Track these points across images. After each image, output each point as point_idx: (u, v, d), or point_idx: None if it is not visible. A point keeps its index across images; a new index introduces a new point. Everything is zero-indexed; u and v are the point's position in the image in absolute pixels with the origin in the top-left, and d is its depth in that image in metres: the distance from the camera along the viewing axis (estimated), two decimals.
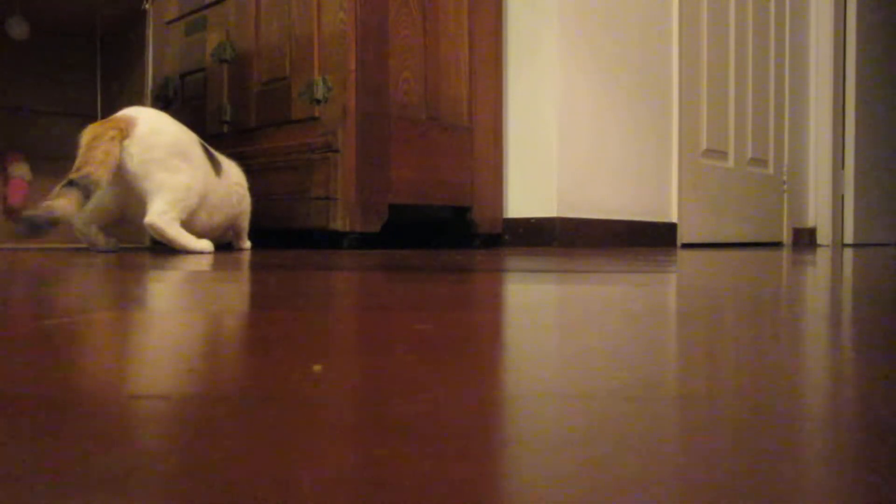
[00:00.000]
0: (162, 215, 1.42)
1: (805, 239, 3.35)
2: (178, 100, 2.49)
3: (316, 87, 1.94)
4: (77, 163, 1.37)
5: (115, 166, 1.39)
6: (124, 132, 1.41)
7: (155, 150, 1.43)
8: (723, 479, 0.16)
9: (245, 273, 0.89)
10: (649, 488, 0.16)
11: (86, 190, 1.34)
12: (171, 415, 0.22)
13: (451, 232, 2.26)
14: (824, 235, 3.37)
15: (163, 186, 1.43)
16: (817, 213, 3.39)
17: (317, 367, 0.29)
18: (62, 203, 1.30)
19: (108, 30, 2.10)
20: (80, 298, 0.58)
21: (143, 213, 1.44)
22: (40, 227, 1.28)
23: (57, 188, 1.33)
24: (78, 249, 1.68)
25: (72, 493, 0.15)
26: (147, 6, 1.88)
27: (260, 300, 0.57)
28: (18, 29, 1.89)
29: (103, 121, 1.46)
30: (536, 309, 0.50)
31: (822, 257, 1.66)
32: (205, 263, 1.11)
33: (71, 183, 1.33)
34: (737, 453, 0.18)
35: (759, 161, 3.07)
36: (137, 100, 1.93)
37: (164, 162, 1.44)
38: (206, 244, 1.51)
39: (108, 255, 1.39)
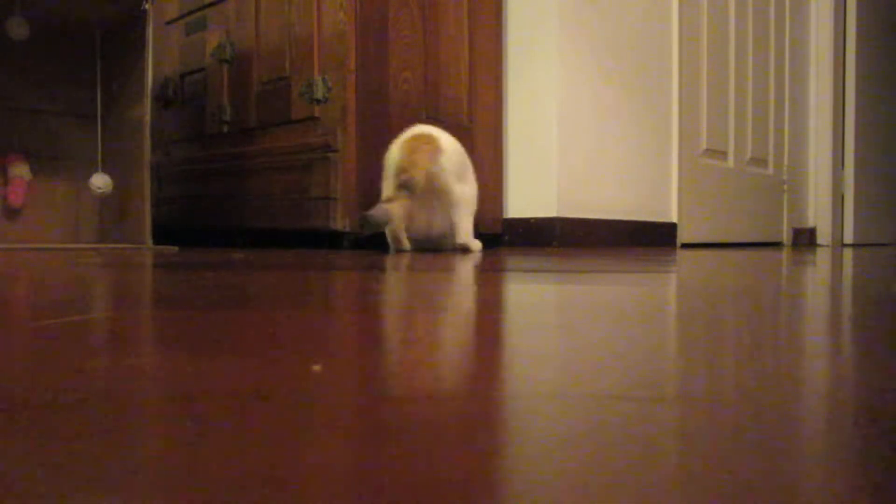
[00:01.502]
0: (470, 234, 1.65)
1: (805, 239, 3.35)
2: (178, 100, 2.49)
3: (316, 86, 1.94)
4: (401, 167, 1.54)
5: (429, 174, 1.56)
6: (436, 147, 1.58)
7: (455, 163, 1.62)
8: (723, 480, 0.16)
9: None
10: (649, 489, 0.16)
11: (409, 190, 1.53)
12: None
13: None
14: (824, 235, 3.37)
15: (461, 199, 1.63)
16: (817, 213, 3.39)
17: (316, 367, 0.29)
18: (395, 206, 1.51)
19: (108, 30, 2.10)
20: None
21: (440, 217, 1.64)
22: (380, 224, 1.51)
23: (391, 190, 1.53)
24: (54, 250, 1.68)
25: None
26: (147, 6, 1.88)
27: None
28: (18, 29, 1.89)
29: (411, 137, 1.61)
30: (536, 309, 0.50)
31: (822, 257, 1.66)
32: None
33: (400, 186, 1.53)
34: (737, 453, 0.18)
35: (759, 161, 3.07)
36: (137, 100, 1.92)
37: (459, 175, 1.63)
38: (478, 244, 1.70)
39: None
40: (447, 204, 1.62)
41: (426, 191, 1.56)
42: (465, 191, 1.65)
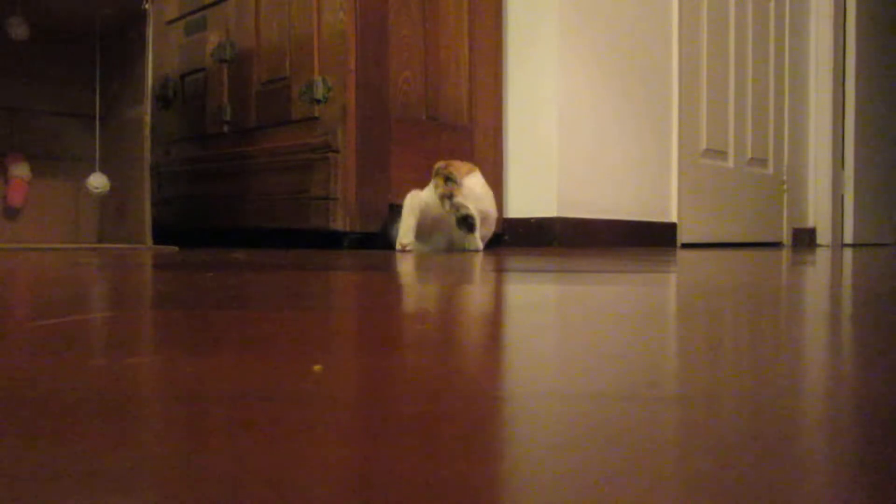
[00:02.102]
0: (479, 240, 1.72)
1: (805, 239, 3.35)
2: (178, 100, 2.49)
3: (316, 87, 1.94)
4: (440, 164, 1.66)
5: (462, 181, 1.68)
6: (471, 165, 1.76)
7: (482, 184, 1.75)
8: (722, 480, 0.16)
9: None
10: (649, 489, 0.16)
11: (453, 181, 1.65)
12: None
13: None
14: (824, 235, 3.37)
15: (489, 215, 1.75)
16: (817, 214, 3.39)
17: (317, 368, 0.29)
18: (460, 197, 1.63)
19: (108, 30, 2.10)
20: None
21: (447, 231, 1.71)
22: (473, 216, 1.63)
23: (442, 185, 1.64)
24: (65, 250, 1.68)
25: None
26: (147, 6, 1.88)
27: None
28: (18, 29, 1.89)
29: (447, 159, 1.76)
30: (536, 309, 0.50)
31: (822, 257, 1.66)
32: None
33: (446, 178, 1.64)
34: (736, 453, 0.18)
35: (759, 161, 3.07)
36: (137, 100, 1.92)
37: (489, 196, 1.77)
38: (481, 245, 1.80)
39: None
40: (480, 216, 1.70)
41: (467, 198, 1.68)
42: (493, 212, 1.81)
